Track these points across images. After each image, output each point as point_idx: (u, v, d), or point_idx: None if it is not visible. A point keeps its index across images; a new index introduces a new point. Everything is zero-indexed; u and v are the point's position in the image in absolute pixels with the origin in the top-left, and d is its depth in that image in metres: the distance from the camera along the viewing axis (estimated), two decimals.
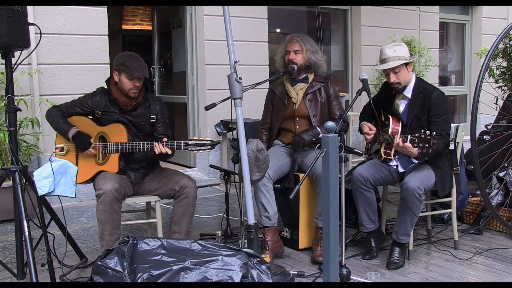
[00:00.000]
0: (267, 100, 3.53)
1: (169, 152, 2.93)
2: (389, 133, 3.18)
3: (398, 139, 3.00)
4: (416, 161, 3.16)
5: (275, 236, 3.25)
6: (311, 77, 3.40)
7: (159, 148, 2.91)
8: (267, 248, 3.18)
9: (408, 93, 3.18)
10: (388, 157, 3.22)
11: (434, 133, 2.88)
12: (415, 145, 2.89)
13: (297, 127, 3.37)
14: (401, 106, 3.22)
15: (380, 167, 3.26)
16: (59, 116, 3.05)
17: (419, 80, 3.22)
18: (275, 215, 3.25)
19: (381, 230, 3.42)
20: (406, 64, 3.12)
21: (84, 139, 2.99)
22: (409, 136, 2.94)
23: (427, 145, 2.85)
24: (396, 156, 3.23)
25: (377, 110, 3.21)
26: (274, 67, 3.59)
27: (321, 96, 3.37)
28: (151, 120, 3.13)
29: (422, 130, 2.90)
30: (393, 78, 3.13)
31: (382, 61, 3.14)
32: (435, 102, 3.10)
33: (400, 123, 3.21)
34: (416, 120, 3.15)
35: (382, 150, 3.23)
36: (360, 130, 3.38)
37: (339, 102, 3.44)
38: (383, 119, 3.31)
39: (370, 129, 3.27)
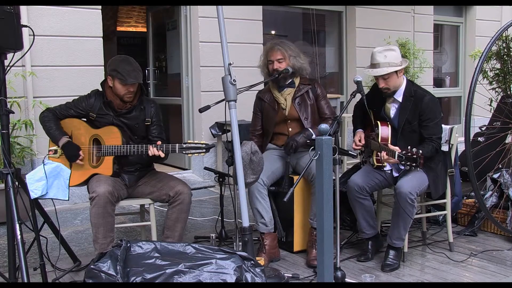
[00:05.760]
0: (255, 108, 3.50)
1: (162, 155, 2.92)
2: (379, 139, 3.17)
3: (384, 155, 3.01)
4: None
5: (273, 242, 3.24)
6: (297, 81, 3.38)
7: (152, 151, 2.90)
8: (264, 252, 3.17)
9: (399, 96, 3.16)
10: (380, 164, 3.20)
11: (421, 152, 2.86)
12: (403, 162, 2.89)
13: (290, 129, 3.36)
14: (392, 110, 3.20)
15: (374, 174, 3.25)
16: (52, 121, 3.02)
17: (409, 83, 3.20)
18: (271, 221, 3.24)
19: (379, 235, 3.42)
20: (396, 70, 3.09)
21: (73, 151, 2.97)
22: (396, 153, 2.93)
23: (414, 164, 2.85)
24: None
25: (368, 109, 3.21)
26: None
27: (309, 98, 3.36)
28: (146, 123, 3.12)
29: (409, 148, 2.88)
30: (382, 84, 3.11)
31: (372, 66, 3.12)
32: (427, 107, 3.08)
33: (390, 128, 3.19)
34: (407, 124, 3.13)
35: (374, 158, 3.22)
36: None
37: (328, 101, 3.43)
38: (373, 123, 3.30)
39: (360, 141, 3.27)
